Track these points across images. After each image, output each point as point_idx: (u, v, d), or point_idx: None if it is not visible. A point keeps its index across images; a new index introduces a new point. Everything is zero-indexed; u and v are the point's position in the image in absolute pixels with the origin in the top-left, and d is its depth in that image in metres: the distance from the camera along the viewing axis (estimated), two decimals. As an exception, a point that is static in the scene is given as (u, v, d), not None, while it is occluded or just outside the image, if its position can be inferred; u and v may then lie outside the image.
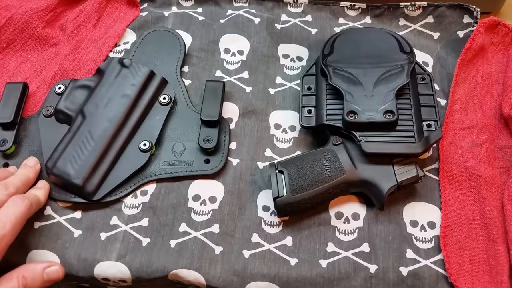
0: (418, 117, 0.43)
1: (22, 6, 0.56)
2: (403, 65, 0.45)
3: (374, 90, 0.43)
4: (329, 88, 0.46)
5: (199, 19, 0.57)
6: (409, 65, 0.45)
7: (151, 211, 0.44)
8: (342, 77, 0.45)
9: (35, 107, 0.51)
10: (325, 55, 0.47)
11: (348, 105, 0.43)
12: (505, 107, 0.47)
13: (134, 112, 0.47)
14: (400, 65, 0.45)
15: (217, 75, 0.53)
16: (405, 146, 0.41)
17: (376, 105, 0.42)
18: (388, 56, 0.46)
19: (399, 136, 0.42)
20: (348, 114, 0.42)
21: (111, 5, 0.59)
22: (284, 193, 0.40)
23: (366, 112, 0.42)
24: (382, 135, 0.42)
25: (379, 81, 0.44)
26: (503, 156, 0.46)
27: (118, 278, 0.41)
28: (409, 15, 0.56)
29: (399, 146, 0.41)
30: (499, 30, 0.52)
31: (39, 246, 0.42)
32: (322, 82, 0.47)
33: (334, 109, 0.44)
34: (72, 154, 0.44)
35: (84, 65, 0.53)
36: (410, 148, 0.41)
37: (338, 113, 0.44)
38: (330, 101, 0.45)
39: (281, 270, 0.41)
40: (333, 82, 0.45)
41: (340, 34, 0.49)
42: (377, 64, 0.45)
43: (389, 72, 0.44)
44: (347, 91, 0.44)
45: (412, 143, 0.41)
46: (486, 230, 0.41)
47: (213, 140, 0.46)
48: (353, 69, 0.45)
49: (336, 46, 0.48)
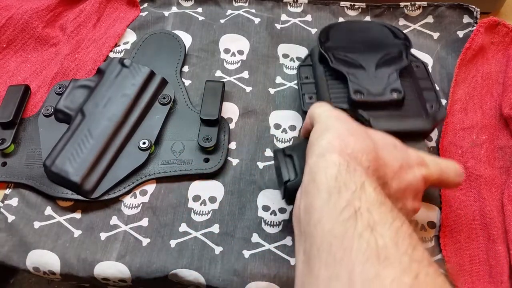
0: (421, 98, 0.43)
1: (22, 6, 0.56)
2: (401, 48, 0.45)
3: (377, 72, 0.43)
4: (330, 74, 0.45)
5: (199, 19, 0.57)
6: (406, 48, 0.45)
7: (151, 211, 0.44)
8: (343, 61, 0.44)
9: (35, 107, 0.51)
10: (322, 42, 0.47)
11: (353, 85, 0.42)
12: (505, 107, 0.47)
13: (134, 111, 0.47)
14: (397, 49, 0.45)
15: (217, 75, 0.53)
16: (413, 122, 0.41)
17: (381, 84, 0.42)
18: (384, 42, 0.46)
19: (406, 114, 0.41)
20: (354, 93, 0.41)
21: (111, 5, 0.59)
22: (295, 176, 0.37)
23: (371, 91, 0.41)
24: (390, 113, 0.41)
25: (380, 64, 0.44)
26: (503, 156, 0.46)
27: (118, 278, 0.41)
28: (409, 15, 0.56)
29: (408, 123, 0.41)
30: (499, 30, 0.52)
31: (39, 246, 0.42)
32: (320, 69, 0.46)
33: (338, 92, 0.43)
34: (71, 152, 0.44)
35: (84, 65, 0.53)
36: (419, 124, 0.41)
37: (342, 95, 0.43)
38: (332, 85, 0.44)
39: (281, 270, 0.41)
40: (335, 65, 0.44)
41: (334, 25, 0.49)
42: (375, 49, 0.45)
43: (388, 55, 0.45)
44: (350, 73, 0.43)
45: (420, 120, 0.41)
46: (486, 230, 0.41)
47: (213, 139, 0.46)
48: (352, 54, 0.45)
49: (331, 35, 0.48)
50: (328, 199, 0.27)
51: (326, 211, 0.27)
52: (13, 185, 0.46)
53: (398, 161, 0.33)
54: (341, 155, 0.30)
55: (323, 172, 0.29)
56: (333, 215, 0.27)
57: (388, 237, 0.25)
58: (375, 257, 0.24)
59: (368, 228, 0.25)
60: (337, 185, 0.28)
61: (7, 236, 0.43)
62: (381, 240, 0.25)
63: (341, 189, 0.28)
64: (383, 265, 0.23)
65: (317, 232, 0.27)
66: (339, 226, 0.26)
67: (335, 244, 0.25)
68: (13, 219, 0.44)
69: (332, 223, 0.26)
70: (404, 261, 0.24)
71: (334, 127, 0.33)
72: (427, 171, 0.35)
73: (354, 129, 0.33)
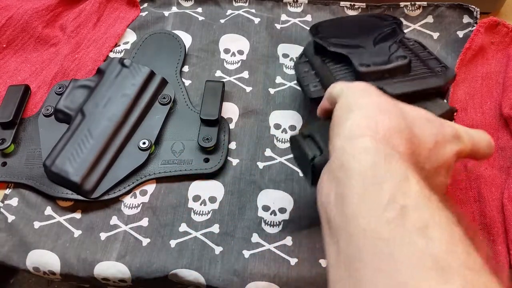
0: (426, 65, 0.42)
1: (22, 6, 0.56)
2: (393, 25, 0.45)
3: (376, 47, 0.43)
4: (329, 61, 0.44)
5: (199, 19, 0.57)
6: (397, 24, 0.45)
7: (151, 211, 0.44)
8: (340, 45, 0.44)
9: (35, 108, 0.51)
10: (314, 35, 0.47)
11: (357, 60, 0.41)
12: (505, 107, 0.47)
13: (134, 111, 0.47)
14: (389, 26, 0.45)
15: (217, 75, 0.53)
16: (427, 81, 0.40)
17: (385, 55, 0.41)
18: (374, 24, 0.46)
19: (416, 76, 0.40)
20: (360, 66, 0.40)
21: (111, 5, 0.59)
22: (320, 152, 0.35)
23: (377, 62, 0.41)
24: (400, 79, 0.40)
25: (377, 41, 0.43)
26: (503, 156, 0.46)
27: (118, 278, 0.41)
28: (409, 15, 0.56)
29: (422, 83, 0.40)
30: (499, 30, 0.52)
31: (39, 246, 0.42)
32: (318, 60, 0.45)
33: (343, 73, 0.42)
34: (71, 152, 0.44)
35: (84, 65, 0.53)
36: (433, 82, 0.40)
37: (348, 74, 0.42)
38: (335, 70, 0.43)
39: (281, 270, 0.41)
40: (333, 49, 0.43)
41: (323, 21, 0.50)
42: (368, 31, 0.45)
43: (383, 33, 0.45)
44: (351, 53, 0.42)
45: (433, 78, 0.40)
46: (486, 230, 0.41)
47: (213, 139, 0.46)
48: (347, 38, 0.45)
49: (322, 29, 0.48)
50: (365, 192, 0.24)
51: (365, 206, 0.24)
52: (13, 185, 0.46)
53: (433, 137, 0.30)
54: (374, 138, 0.26)
55: (355, 159, 0.26)
56: (374, 211, 0.23)
57: (443, 243, 0.22)
58: (431, 269, 0.21)
59: (418, 230, 0.22)
60: (374, 175, 0.25)
61: (7, 236, 0.43)
62: (435, 246, 0.22)
63: (380, 180, 0.24)
64: (442, 280, 0.20)
65: (354, 229, 0.24)
66: (384, 226, 0.23)
67: (381, 248, 0.22)
68: (13, 219, 0.44)
69: (374, 222, 0.23)
70: (464, 273, 0.21)
71: (360, 104, 0.29)
72: (462, 144, 0.32)
73: (383, 104, 0.29)
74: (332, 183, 0.27)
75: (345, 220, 0.25)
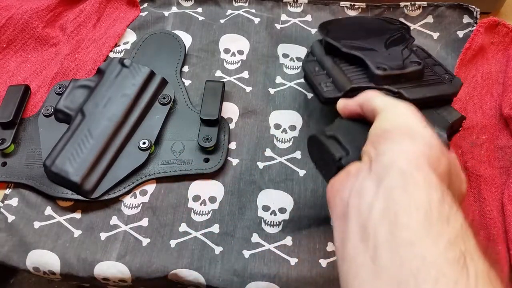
0: (434, 71, 0.43)
1: (22, 6, 0.56)
2: (401, 30, 0.46)
3: (389, 51, 0.43)
4: (341, 61, 0.44)
5: (199, 19, 0.57)
6: (406, 29, 0.46)
7: (151, 211, 0.44)
8: (352, 47, 0.44)
9: (35, 108, 0.51)
10: (325, 35, 0.46)
11: (372, 62, 0.41)
12: (505, 107, 0.47)
13: (134, 111, 0.47)
14: (398, 31, 0.45)
15: (217, 75, 0.53)
16: (440, 88, 0.40)
17: (398, 59, 0.41)
18: (383, 27, 0.46)
19: (430, 83, 0.41)
20: (377, 69, 0.40)
21: (111, 5, 0.59)
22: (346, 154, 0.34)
23: (392, 66, 0.41)
24: (415, 84, 0.41)
25: (388, 44, 0.44)
26: (503, 156, 0.46)
27: (118, 278, 0.41)
28: (409, 15, 0.56)
29: (436, 89, 0.40)
30: (499, 30, 0.52)
31: (39, 246, 0.42)
32: (329, 60, 0.45)
33: (356, 74, 0.42)
34: (71, 152, 0.44)
35: (84, 65, 0.53)
36: (446, 89, 0.40)
37: (362, 75, 0.42)
38: (348, 70, 0.43)
39: (281, 270, 0.41)
40: (347, 50, 0.43)
41: (331, 21, 0.49)
42: (378, 34, 0.45)
43: (393, 36, 0.45)
44: (365, 55, 0.42)
45: (445, 85, 0.41)
46: (486, 230, 0.41)
47: (213, 139, 0.46)
48: (358, 40, 0.45)
49: (331, 29, 0.47)
50: (429, 225, 0.24)
51: (426, 239, 0.24)
52: (13, 185, 0.46)
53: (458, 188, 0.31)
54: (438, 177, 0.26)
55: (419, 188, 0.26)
56: (435, 247, 0.23)
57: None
58: None
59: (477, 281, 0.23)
60: (441, 213, 0.25)
61: (7, 236, 0.43)
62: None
63: (446, 221, 0.24)
64: None
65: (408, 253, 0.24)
66: (448, 267, 0.23)
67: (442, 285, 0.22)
68: (13, 219, 0.44)
69: (434, 257, 0.23)
70: None
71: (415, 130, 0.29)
72: None
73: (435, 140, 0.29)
74: (380, 195, 0.27)
75: (394, 239, 0.25)
